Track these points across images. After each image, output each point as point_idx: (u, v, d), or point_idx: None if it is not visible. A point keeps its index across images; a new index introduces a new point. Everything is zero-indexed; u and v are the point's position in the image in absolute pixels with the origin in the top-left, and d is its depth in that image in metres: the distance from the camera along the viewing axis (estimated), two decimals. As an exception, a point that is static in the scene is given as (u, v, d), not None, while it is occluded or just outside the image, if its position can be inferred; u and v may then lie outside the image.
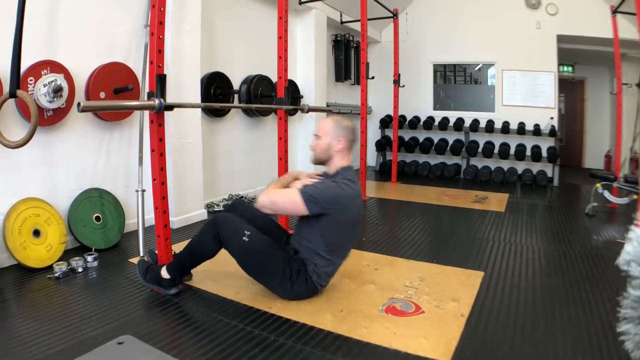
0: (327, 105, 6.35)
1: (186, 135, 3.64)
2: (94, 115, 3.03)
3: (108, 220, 3.07)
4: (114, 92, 3.03)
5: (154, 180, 2.39)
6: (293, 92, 5.21)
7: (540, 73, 6.84)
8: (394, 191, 6.07)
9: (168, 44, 3.31)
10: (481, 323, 2.20)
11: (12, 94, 2.24)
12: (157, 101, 2.27)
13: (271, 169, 5.22)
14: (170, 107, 2.34)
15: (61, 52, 2.85)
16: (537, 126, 6.69)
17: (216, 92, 4.17)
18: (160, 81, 2.31)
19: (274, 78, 4.89)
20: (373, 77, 5.59)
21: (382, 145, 7.74)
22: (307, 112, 3.66)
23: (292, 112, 4.05)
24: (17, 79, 2.25)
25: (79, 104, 1.86)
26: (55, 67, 2.74)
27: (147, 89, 3.23)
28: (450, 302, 2.43)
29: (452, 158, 7.38)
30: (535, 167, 6.76)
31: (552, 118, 6.76)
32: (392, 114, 7.32)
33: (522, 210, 4.92)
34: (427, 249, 3.41)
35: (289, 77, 5.28)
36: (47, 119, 2.74)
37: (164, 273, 2.35)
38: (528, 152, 6.72)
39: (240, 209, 2.56)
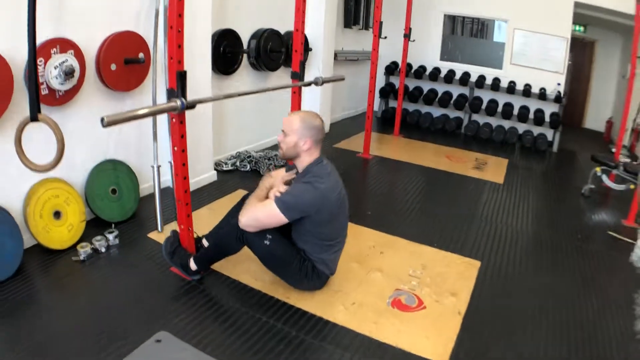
0: (335, 54, 6.33)
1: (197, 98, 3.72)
2: (104, 86, 3.08)
3: (124, 191, 3.24)
4: (125, 62, 3.07)
5: (176, 175, 2.53)
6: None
7: (552, 37, 6.84)
8: (396, 148, 6.27)
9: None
10: (475, 325, 2.53)
11: (34, 118, 2.18)
12: (179, 102, 2.29)
13: (277, 123, 5.36)
14: (192, 106, 2.39)
15: (69, 26, 2.81)
16: (543, 90, 6.81)
17: (226, 50, 4.19)
18: (181, 79, 2.31)
19: (284, 30, 4.94)
20: (386, 37, 5.57)
21: (386, 92, 7.82)
22: (322, 84, 3.74)
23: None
24: (37, 101, 2.18)
25: (102, 119, 1.89)
26: (65, 44, 2.72)
27: (158, 60, 3.29)
28: (449, 297, 2.76)
29: (454, 112, 7.51)
30: (536, 130, 6.96)
31: (559, 84, 6.86)
32: (397, 61, 7.38)
33: (520, 183, 5.19)
34: (428, 228, 3.67)
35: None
36: (59, 98, 2.77)
37: (192, 265, 2.59)
38: (531, 115, 6.89)
39: None
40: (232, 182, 4.19)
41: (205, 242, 2.83)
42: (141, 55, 3.16)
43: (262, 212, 2.36)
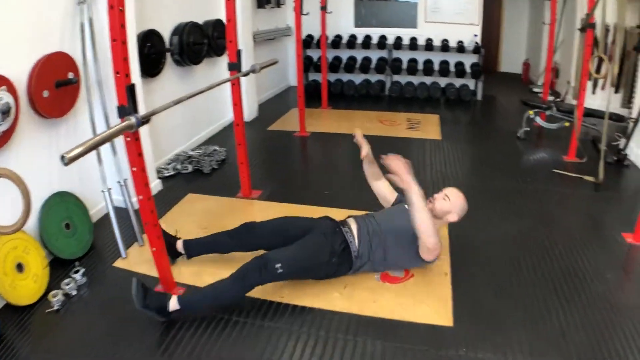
0: (254, 36, 6.17)
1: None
2: (39, 115, 2.76)
3: (77, 224, 2.98)
4: (56, 86, 2.78)
5: (139, 197, 2.35)
6: (220, 32, 5.01)
7: None
8: (329, 121, 6.28)
9: (104, 20, 3.05)
10: (464, 281, 2.66)
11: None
12: (133, 119, 2.11)
13: (207, 116, 5.20)
14: (147, 120, 2.22)
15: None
16: (460, 43, 7.09)
17: (150, 51, 3.93)
18: (131, 93, 2.14)
19: (203, 20, 4.73)
20: (308, 13, 5.50)
21: (306, 66, 7.76)
22: (260, 71, 3.63)
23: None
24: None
25: (62, 157, 1.73)
26: (-3, 81, 2.40)
27: (91, 78, 3.05)
28: (431, 260, 2.84)
29: (376, 76, 7.63)
30: (458, 82, 7.25)
31: (475, 35, 7.16)
32: (312, 33, 7.35)
33: (457, 137, 5.42)
34: None
35: (214, 17, 5.05)
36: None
37: (174, 304, 2.29)
38: (452, 69, 7.15)
39: (248, 240, 2.72)
40: (179, 187, 4.00)
41: (180, 245, 2.75)
42: (71, 75, 2.89)
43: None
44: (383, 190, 3.08)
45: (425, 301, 2.49)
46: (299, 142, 5.36)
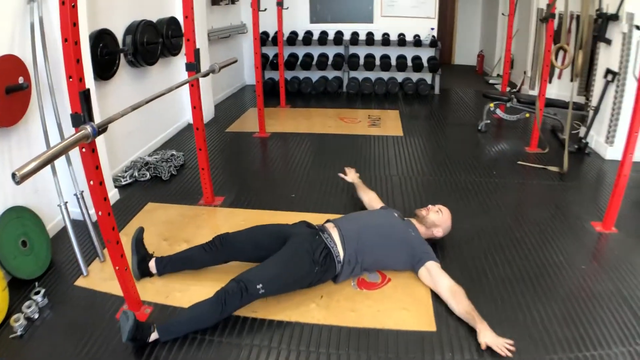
0: (208, 35, 5.95)
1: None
2: None
3: (34, 240, 2.73)
4: (6, 92, 2.53)
5: (98, 213, 2.16)
6: (175, 30, 4.79)
7: None
8: (289, 120, 6.14)
9: (55, 20, 2.83)
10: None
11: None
12: (89, 129, 1.91)
13: (162, 120, 4.96)
14: (104, 129, 2.03)
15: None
16: (417, 37, 7.10)
17: (103, 52, 3.68)
18: (85, 99, 1.94)
19: (157, 19, 4.50)
20: (265, 9, 5.34)
21: (262, 64, 7.57)
22: (219, 71, 3.47)
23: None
24: None
25: (14, 175, 1.53)
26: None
27: (42, 82, 2.82)
28: (407, 262, 2.77)
29: (333, 72, 7.54)
30: (415, 76, 7.26)
31: (432, 29, 7.19)
32: (267, 30, 7.18)
33: (419, 132, 5.41)
34: (355, 198, 3.53)
35: (168, 14, 4.83)
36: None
37: (154, 336, 2.14)
38: (409, 63, 7.16)
39: (223, 252, 2.60)
40: (137, 196, 3.77)
41: (153, 265, 2.61)
42: (21, 79, 2.63)
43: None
44: (372, 202, 3.23)
45: (405, 306, 2.41)
46: (260, 144, 5.20)
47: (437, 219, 2.77)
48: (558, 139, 4.70)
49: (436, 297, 2.45)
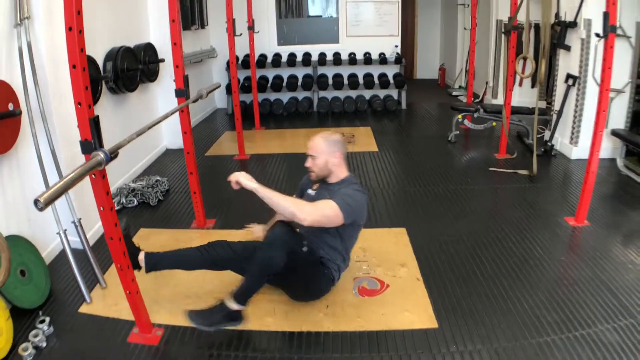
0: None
1: (75, 142, 3.30)
2: None
3: (32, 269, 2.75)
4: None
5: (109, 238, 2.24)
6: (151, 56, 4.89)
7: (383, 3, 7.47)
8: (265, 142, 6.28)
9: (42, 43, 2.92)
10: (436, 283, 2.80)
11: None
12: (102, 155, 1.98)
13: (143, 146, 5.02)
14: (116, 155, 2.12)
15: None
16: (382, 55, 7.42)
17: (85, 80, 3.76)
18: (95, 126, 2.02)
19: (134, 44, 4.59)
20: (241, 34, 5.50)
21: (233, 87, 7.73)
22: (207, 96, 3.60)
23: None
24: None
25: (36, 202, 1.58)
26: None
27: (33, 108, 2.85)
28: (401, 269, 2.97)
29: (303, 93, 7.76)
30: (382, 93, 7.57)
31: (396, 46, 7.53)
32: (237, 54, 7.32)
33: (392, 146, 5.65)
34: None
35: (144, 40, 4.93)
36: None
37: (233, 305, 2.30)
38: (376, 80, 7.44)
39: (219, 254, 2.63)
40: (129, 222, 3.83)
41: (141, 257, 2.59)
42: (11, 106, 2.66)
43: (330, 210, 2.32)
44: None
45: (407, 308, 2.58)
46: (241, 166, 5.33)
47: (317, 161, 2.53)
48: (524, 144, 5.02)
49: (433, 298, 2.64)
